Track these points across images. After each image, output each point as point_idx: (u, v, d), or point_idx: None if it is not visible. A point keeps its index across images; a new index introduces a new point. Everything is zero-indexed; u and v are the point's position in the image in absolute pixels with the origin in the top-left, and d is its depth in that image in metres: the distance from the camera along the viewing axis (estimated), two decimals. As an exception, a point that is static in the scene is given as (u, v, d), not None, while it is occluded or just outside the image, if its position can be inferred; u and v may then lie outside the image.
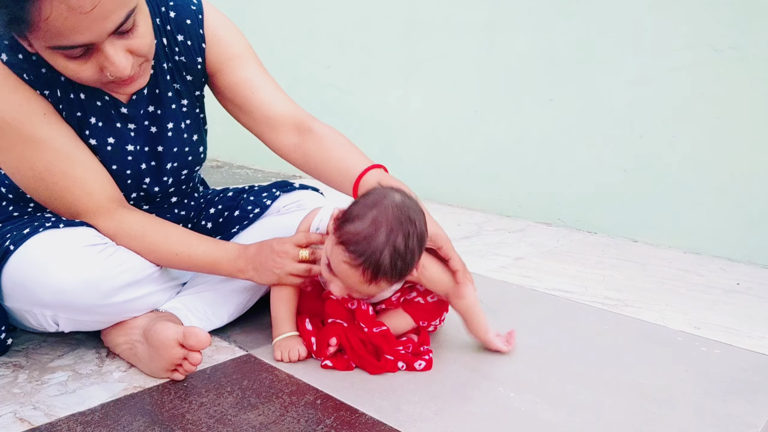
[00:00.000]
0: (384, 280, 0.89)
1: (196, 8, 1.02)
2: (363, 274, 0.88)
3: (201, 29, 1.02)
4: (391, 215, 0.88)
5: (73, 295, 0.89)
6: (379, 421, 0.85)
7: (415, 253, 0.90)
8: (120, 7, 0.77)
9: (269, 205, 1.21)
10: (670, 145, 1.90)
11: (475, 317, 1.07)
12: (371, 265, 0.87)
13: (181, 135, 1.06)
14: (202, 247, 1.01)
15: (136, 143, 1.01)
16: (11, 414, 0.83)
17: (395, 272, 0.89)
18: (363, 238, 0.87)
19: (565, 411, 0.91)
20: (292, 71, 3.00)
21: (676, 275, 1.65)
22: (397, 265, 0.88)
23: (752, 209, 1.77)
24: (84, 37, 0.76)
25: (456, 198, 2.48)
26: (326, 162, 1.06)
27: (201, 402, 0.88)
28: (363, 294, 0.94)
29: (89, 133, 0.96)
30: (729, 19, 1.74)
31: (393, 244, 0.87)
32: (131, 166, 1.01)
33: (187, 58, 1.02)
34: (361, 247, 0.87)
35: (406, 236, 0.88)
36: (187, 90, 1.05)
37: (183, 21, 1.00)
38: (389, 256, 0.87)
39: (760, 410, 0.94)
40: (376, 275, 0.88)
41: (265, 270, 1.01)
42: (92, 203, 0.96)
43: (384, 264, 0.87)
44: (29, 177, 0.93)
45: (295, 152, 1.09)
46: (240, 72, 1.06)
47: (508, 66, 2.24)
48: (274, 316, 1.04)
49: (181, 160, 1.08)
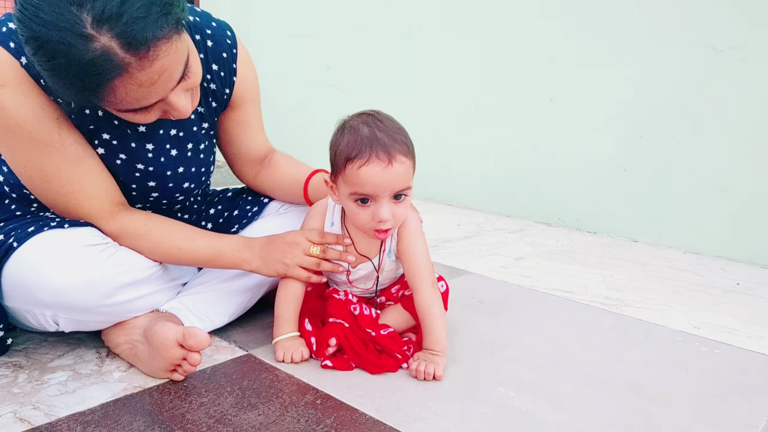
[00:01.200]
0: (399, 154, 0.91)
1: (231, 43, 1.08)
2: (380, 159, 0.90)
3: (234, 64, 1.09)
4: (359, 118, 0.95)
5: (74, 295, 0.89)
6: (379, 421, 0.85)
7: (400, 128, 0.95)
8: (178, 63, 0.81)
9: (267, 203, 1.23)
10: (670, 145, 1.90)
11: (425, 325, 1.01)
12: (378, 147, 0.90)
13: (198, 156, 1.09)
14: (205, 239, 1.02)
15: (149, 164, 1.01)
16: (11, 414, 0.83)
17: (400, 143, 0.92)
18: (353, 142, 0.92)
19: (565, 411, 0.91)
20: (292, 71, 3.00)
21: (676, 275, 1.65)
22: (395, 136, 0.92)
23: (752, 209, 1.77)
24: (152, 100, 0.82)
25: (456, 198, 2.48)
26: (278, 181, 1.20)
27: (201, 402, 0.88)
28: (400, 184, 0.93)
29: (98, 143, 0.97)
30: (729, 19, 1.74)
31: (377, 127, 0.92)
32: (138, 182, 1.02)
33: (217, 86, 1.08)
34: (359, 146, 0.91)
35: (383, 121, 0.94)
36: (209, 114, 1.09)
37: (219, 53, 1.07)
38: (383, 134, 0.91)
39: (760, 410, 0.94)
40: (388, 151, 0.90)
41: (273, 260, 1.02)
42: (96, 208, 0.97)
43: (384, 140, 0.91)
44: (36, 178, 0.93)
45: (254, 180, 1.23)
46: (248, 113, 1.15)
47: (508, 66, 2.24)
48: (278, 314, 1.04)
49: (197, 180, 1.11)
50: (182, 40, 0.81)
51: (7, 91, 0.86)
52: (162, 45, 0.77)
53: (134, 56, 0.75)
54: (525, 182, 2.26)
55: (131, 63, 0.75)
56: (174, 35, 0.78)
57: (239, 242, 1.04)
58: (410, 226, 1.03)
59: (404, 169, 0.92)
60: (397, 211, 0.94)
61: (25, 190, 0.99)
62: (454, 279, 1.51)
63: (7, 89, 0.85)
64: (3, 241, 0.91)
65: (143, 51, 0.75)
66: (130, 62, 0.75)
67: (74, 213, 0.97)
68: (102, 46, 0.73)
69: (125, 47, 0.74)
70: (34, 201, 1.01)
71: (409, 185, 0.95)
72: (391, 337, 1.02)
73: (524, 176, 2.25)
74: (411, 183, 0.95)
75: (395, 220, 0.95)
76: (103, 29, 0.73)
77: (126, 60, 0.75)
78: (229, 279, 1.11)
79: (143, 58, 0.76)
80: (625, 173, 2.00)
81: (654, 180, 1.94)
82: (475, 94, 2.35)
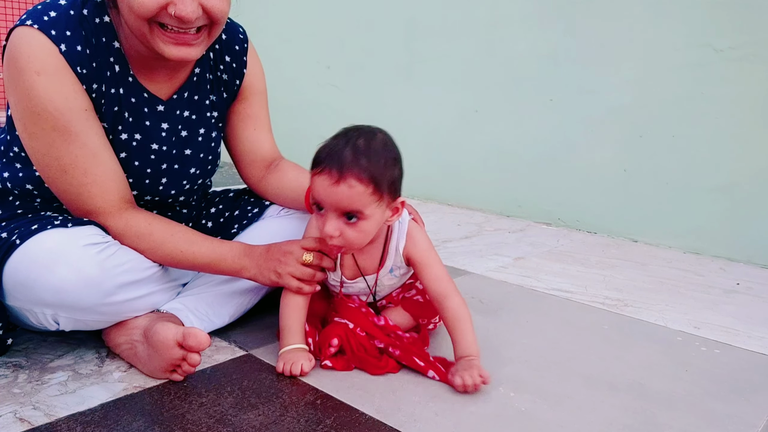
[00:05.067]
0: (353, 177, 0.88)
1: (243, 37, 1.13)
2: (329, 176, 0.88)
3: (245, 57, 1.13)
4: (350, 130, 0.93)
5: (74, 294, 0.89)
6: (379, 421, 0.85)
7: (381, 157, 0.91)
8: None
9: (268, 206, 1.22)
10: (670, 145, 1.90)
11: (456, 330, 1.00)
12: (334, 162, 0.88)
13: (208, 143, 1.11)
14: (206, 244, 1.02)
15: (162, 143, 1.04)
16: (11, 414, 0.83)
17: (361, 168, 0.88)
18: (323, 148, 0.92)
19: (565, 411, 0.91)
20: (292, 71, 3.00)
21: (676, 275, 1.65)
22: (361, 161, 0.88)
23: (752, 209, 1.77)
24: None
25: (456, 198, 2.48)
26: (282, 186, 1.19)
27: (201, 402, 0.88)
28: (345, 204, 0.89)
29: (122, 128, 0.99)
30: (729, 19, 1.74)
31: (352, 144, 0.89)
32: (152, 165, 1.04)
33: (228, 77, 1.11)
34: (322, 154, 0.90)
35: (367, 140, 0.90)
36: (220, 104, 1.12)
37: (233, 46, 1.11)
38: (350, 153, 0.89)
39: (760, 410, 0.94)
40: (341, 170, 0.88)
41: (268, 269, 1.01)
42: (106, 202, 0.97)
43: (345, 157, 0.88)
44: (53, 167, 0.94)
45: (259, 184, 1.22)
46: (255, 107, 1.17)
47: (508, 66, 2.24)
48: (282, 325, 1.02)
49: (203, 168, 1.12)
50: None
51: (43, 79, 0.88)
52: None
53: None
54: (525, 182, 2.26)
55: None
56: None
57: (240, 249, 1.03)
58: (419, 240, 1.02)
59: (352, 192, 0.88)
60: (347, 231, 0.91)
61: (29, 186, 0.99)
62: (454, 279, 1.50)
63: (43, 76, 0.88)
64: (6, 238, 0.91)
65: None
66: None
67: (83, 205, 0.97)
68: None
69: None
70: (37, 198, 1.01)
71: (359, 209, 0.90)
72: (413, 342, 1.03)
73: (524, 176, 2.25)
74: (364, 208, 0.90)
75: (344, 239, 0.92)
76: None
77: None
78: (230, 280, 1.11)
79: None
80: (625, 173, 2.00)
81: (654, 180, 1.94)
82: (475, 94, 2.35)
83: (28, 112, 0.90)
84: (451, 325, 0.99)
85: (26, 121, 0.91)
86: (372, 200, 0.90)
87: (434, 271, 1.01)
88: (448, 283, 1.01)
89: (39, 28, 0.88)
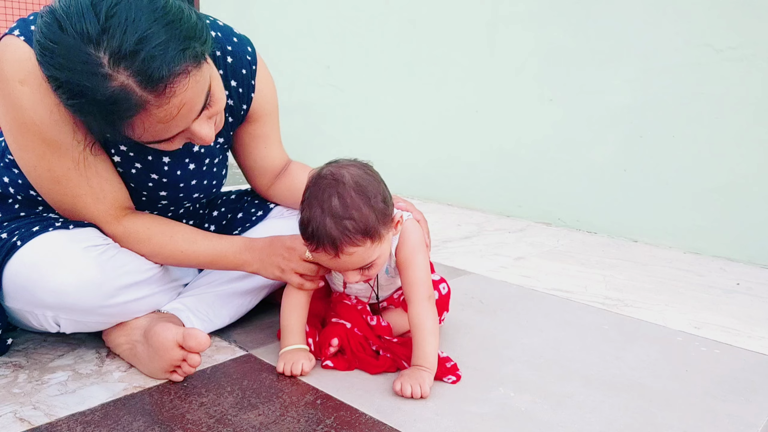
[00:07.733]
0: (348, 245, 0.87)
1: (251, 59, 1.07)
2: (327, 252, 0.88)
3: (253, 80, 1.07)
4: (319, 189, 0.89)
5: (74, 296, 0.89)
6: (379, 421, 0.85)
7: (361, 205, 0.88)
8: (199, 95, 0.81)
9: (272, 208, 1.22)
10: (670, 145, 1.90)
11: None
12: (324, 240, 0.87)
13: (212, 169, 1.09)
14: (207, 241, 1.02)
15: (164, 176, 1.01)
16: (11, 414, 0.83)
17: (350, 233, 0.87)
18: (306, 224, 0.89)
19: (565, 411, 0.91)
20: (292, 71, 3.00)
21: (676, 275, 1.65)
22: (346, 226, 0.87)
23: (752, 209, 1.77)
24: (173, 132, 0.82)
25: (456, 198, 2.48)
26: (290, 188, 1.18)
27: (201, 402, 0.88)
28: (354, 266, 0.91)
29: (114, 152, 0.97)
30: (729, 19, 1.74)
31: (329, 210, 0.87)
32: (150, 190, 1.02)
33: (234, 102, 1.07)
34: (309, 232, 0.89)
35: (339, 196, 0.88)
36: (226, 129, 1.09)
37: (239, 70, 1.05)
38: (332, 222, 0.87)
39: (760, 410, 0.94)
40: (335, 246, 0.87)
41: (271, 264, 1.01)
42: (101, 212, 0.97)
43: (332, 232, 0.87)
44: (45, 179, 0.93)
45: (268, 191, 1.21)
46: (264, 127, 1.13)
47: (508, 66, 2.24)
48: (283, 325, 1.02)
49: (207, 192, 1.11)
50: (203, 71, 0.80)
51: (27, 89, 0.85)
52: (180, 81, 0.76)
53: (152, 93, 0.75)
54: (525, 182, 2.26)
55: (149, 100, 0.75)
56: (193, 69, 0.78)
57: (241, 244, 1.03)
58: (409, 240, 0.99)
59: (355, 256, 0.88)
60: (366, 272, 0.93)
61: (32, 192, 0.99)
62: (454, 279, 1.51)
63: (27, 87, 0.85)
64: (7, 239, 0.90)
65: (161, 88, 0.75)
66: (149, 99, 0.75)
67: (80, 215, 0.97)
68: (120, 84, 0.74)
69: (143, 85, 0.74)
70: (41, 203, 1.00)
71: (371, 259, 0.90)
72: (402, 344, 1.02)
73: (524, 176, 2.25)
74: (373, 257, 0.90)
75: (370, 274, 0.94)
76: (120, 67, 0.73)
77: (144, 97, 0.75)
78: (230, 281, 1.11)
79: (161, 95, 0.75)
80: (625, 173, 2.00)
81: (654, 180, 1.94)
82: (475, 94, 2.35)
83: (16, 122, 0.88)
84: (412, 332, 0.97)
85: (15, 132, 0.89)
86: (375, 244, 0.90)
87: (412, 273, 0.99)
88: (420, 288, 0.98)
89: (26, 39, 0.85)
